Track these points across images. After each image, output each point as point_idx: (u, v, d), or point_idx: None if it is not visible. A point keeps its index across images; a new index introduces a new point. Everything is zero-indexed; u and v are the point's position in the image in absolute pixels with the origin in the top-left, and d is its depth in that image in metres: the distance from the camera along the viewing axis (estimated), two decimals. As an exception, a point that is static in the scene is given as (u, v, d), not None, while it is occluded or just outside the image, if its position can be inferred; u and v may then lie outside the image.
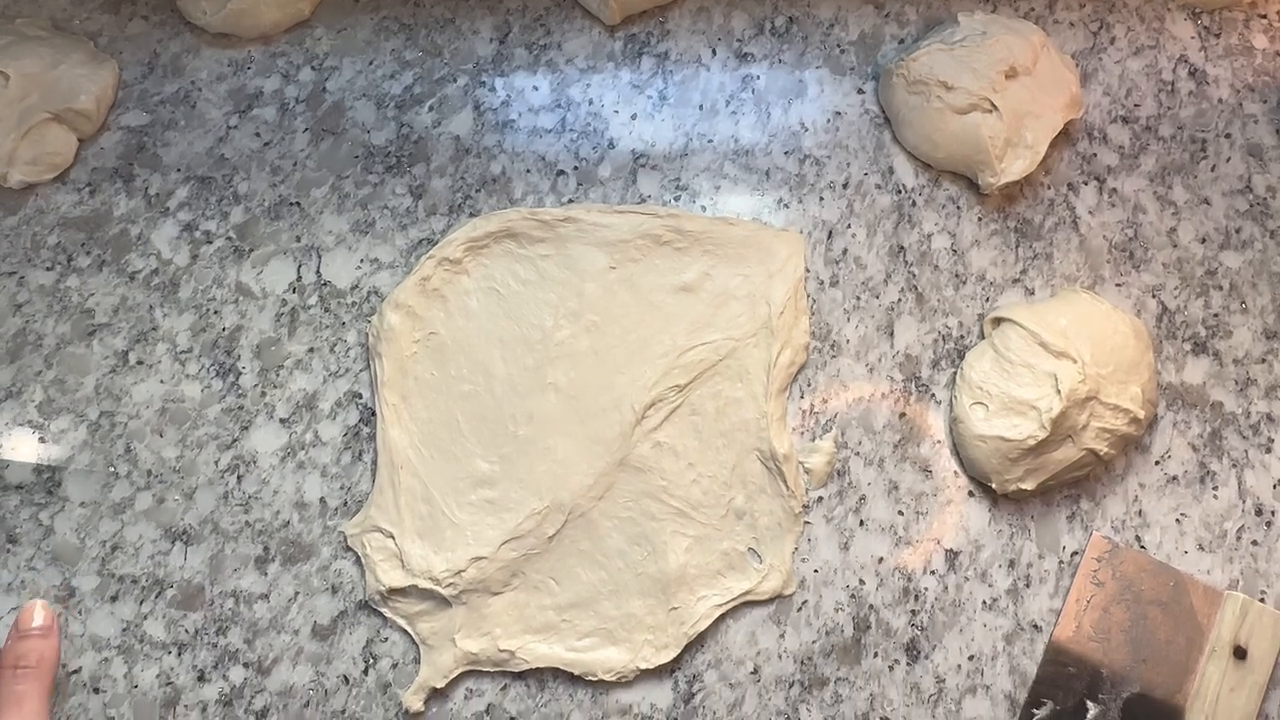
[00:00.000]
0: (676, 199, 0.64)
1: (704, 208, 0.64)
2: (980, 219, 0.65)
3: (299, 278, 0.62)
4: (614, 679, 0.55)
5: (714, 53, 0.68)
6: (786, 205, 0.65)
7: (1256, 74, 0.70)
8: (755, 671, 0.56)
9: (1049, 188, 0.66)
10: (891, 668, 0.56)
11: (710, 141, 0.66)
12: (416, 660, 0.55)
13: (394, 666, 0.55)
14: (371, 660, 0.55)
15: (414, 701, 0.54)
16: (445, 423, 0.58)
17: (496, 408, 0.58)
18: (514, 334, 0.60)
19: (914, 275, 0.63)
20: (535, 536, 0.56)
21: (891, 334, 0.62)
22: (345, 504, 0.58)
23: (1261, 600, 0.58)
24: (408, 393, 0.58)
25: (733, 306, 0.60)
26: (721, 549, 0.57)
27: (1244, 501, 0.60)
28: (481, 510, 0.57)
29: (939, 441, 0.60)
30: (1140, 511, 0.60)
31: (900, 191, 0.65)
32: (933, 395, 0.61)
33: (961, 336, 0.62)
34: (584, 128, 0.66)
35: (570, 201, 0.64)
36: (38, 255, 0.62)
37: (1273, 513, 0.60)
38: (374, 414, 0.59)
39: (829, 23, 0.69)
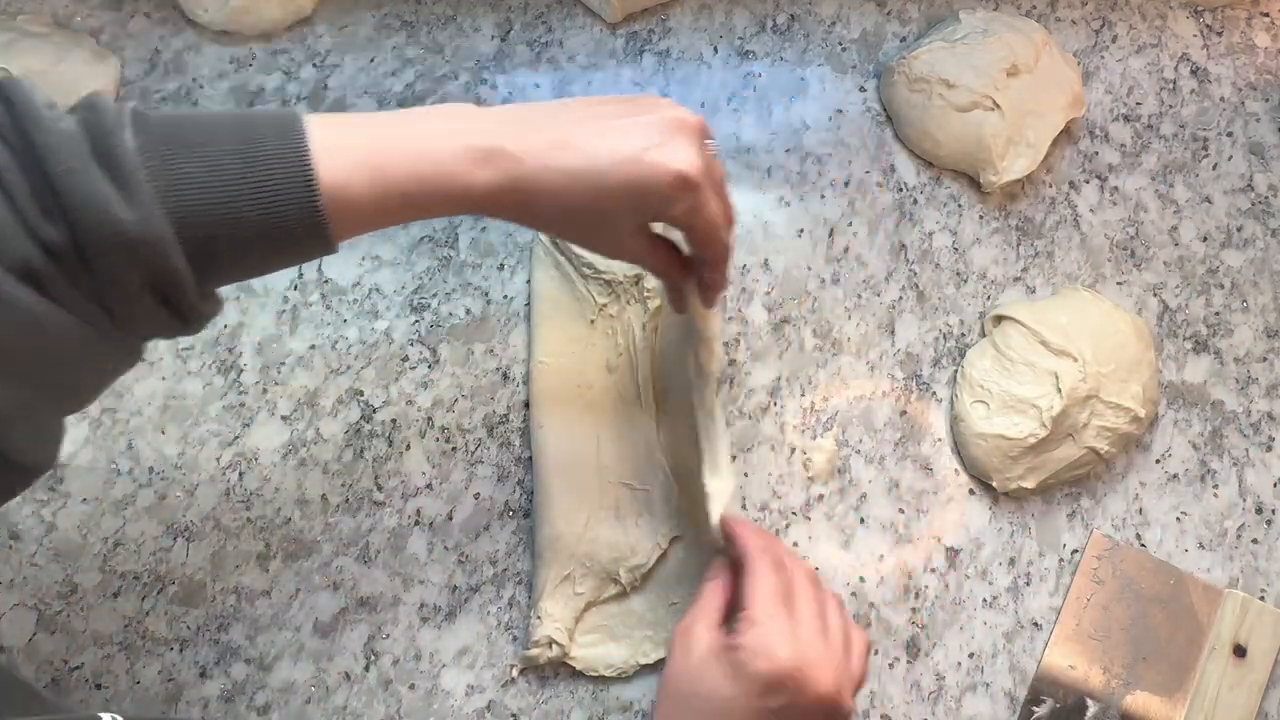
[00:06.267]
0: (678, 197, 0.64)
1: (705, 205, 0.64)
2: (981, 217, 0.65)
3: (300, 275, 0.62)
4: (614, 675, 0.55)
5: (715, 50, 0.68)
6: (788, 203, 0.65)
7: (1258, 72, 0.70)
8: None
9: (1050, 186, 0.66)
10: (892, 665, 0.56)
11: (712, 139, 0.66)
12: (417, 657, 0.55)
13: (395, 663, 0.55)
14: (373, 657, 0.55)
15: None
16: None
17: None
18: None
19: (915, 273, 0.63)
20: None
21: (892, 332, 0.62)
22: (347, 501, 0.58)
23: (1261, 599, 0.58)
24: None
25: None
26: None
27: (1244, 500, 0.60)
28: None
29: (940, 439, 0.60)
30: (1141, 510, 0.60)
31: (901, 189, 0.65)
32: (934, 393, 0.61)
33: (962, 335, 0.62)
34: (585, 125, 0.66)
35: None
36: (40, 252, 0.62)
37: (1273, 511, 0.60)
38: (375, 410, 0.59)
39: (830, 20, 0.69)
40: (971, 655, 0.57)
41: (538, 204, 0.42)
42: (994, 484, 0.58)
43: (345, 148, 0.38)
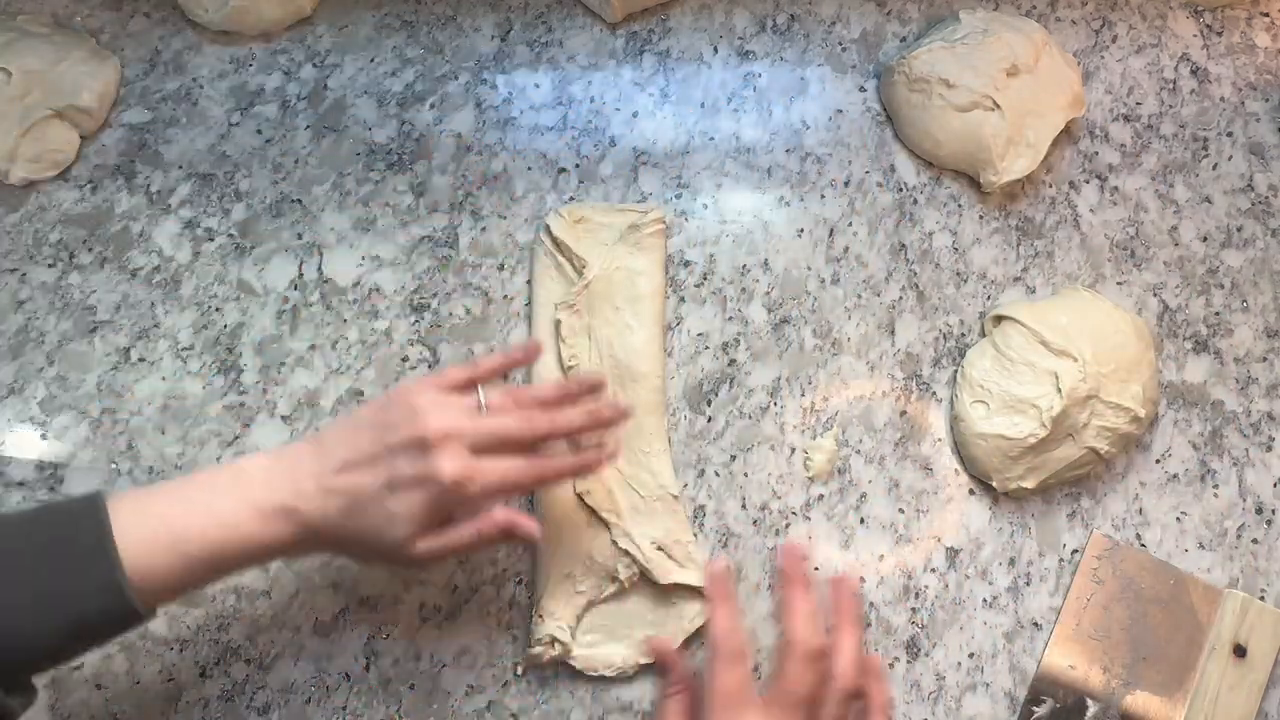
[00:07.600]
0: (678, 196, 0.64)
1: (705, 205, 0.64)
2: (981, 217, 0.65)
3: (300, 275, 0.62)
4: (614, 675, 0.55)
5: (715, 50, 0.68)
6: (788, 203, 0.65)
7: (1258, 72, 0.70)
8: (756, 668, 0.56)
9: (1050, 186, 0.66)
10: (892, 665, 0.56)
11: (712, 139, 0.66)
12: (416, 657, 0.55)
13: (395, 663, 0.55)
14: (373, 657, 0.55)
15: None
16: None
17: None
18: None
19: (915, 273, 0.63)
20: None
21: (892, 332, 0.62)
22: (347, 501, 0.58)
23: (1261, 598, 0.58)
24: None
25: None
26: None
27: (1244, 500, 0.60)
28: None
29: (940, 439, 0.60)
30: (1141, 510, 0.60)
31: (902, 189, 0.65)
32: (934, 393, 0.61)
33: (962, 335, 0.62)
34: (585, 125, 0.66)
35: (571, 199, 0.64)
36: (39, 252, 0.62)
37: (1273, 511, 0.60)
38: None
39: (830, 20, 0.69)
40: (971, 655, 0.57)
41: (333, 546, 0.46)
42: (994, 484, 0.58)
43: (149, 536, 0.41)
